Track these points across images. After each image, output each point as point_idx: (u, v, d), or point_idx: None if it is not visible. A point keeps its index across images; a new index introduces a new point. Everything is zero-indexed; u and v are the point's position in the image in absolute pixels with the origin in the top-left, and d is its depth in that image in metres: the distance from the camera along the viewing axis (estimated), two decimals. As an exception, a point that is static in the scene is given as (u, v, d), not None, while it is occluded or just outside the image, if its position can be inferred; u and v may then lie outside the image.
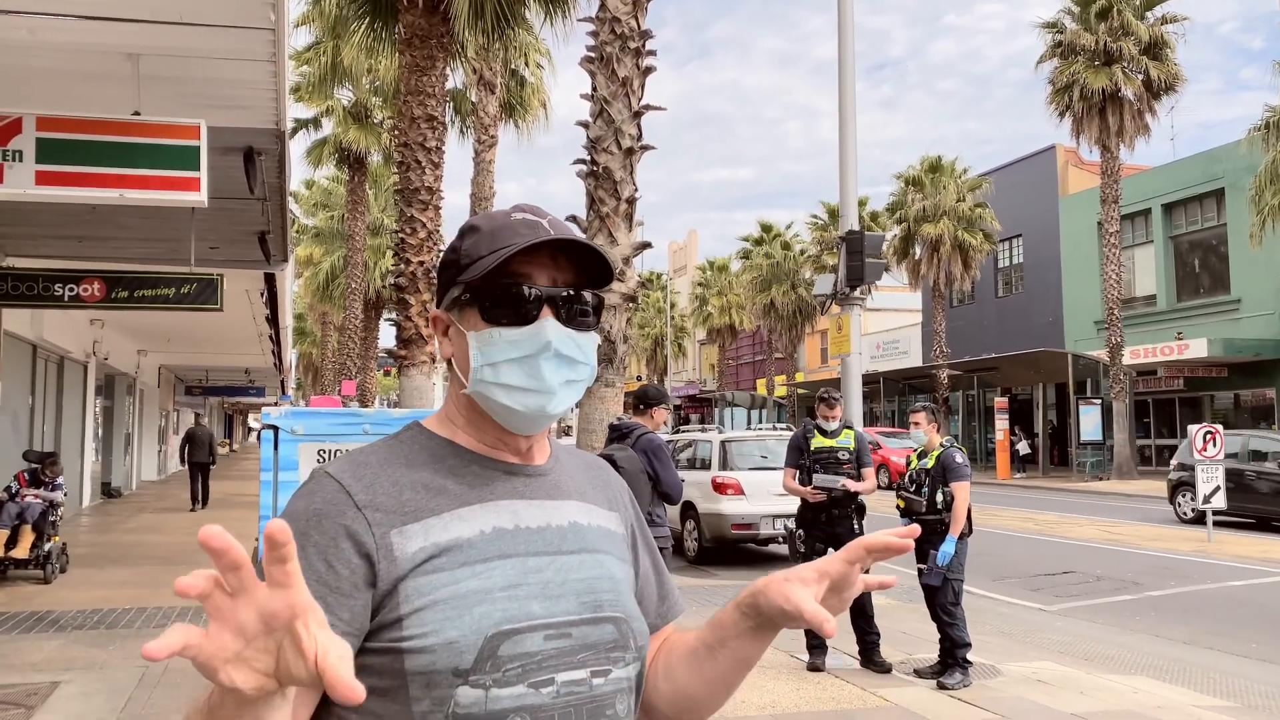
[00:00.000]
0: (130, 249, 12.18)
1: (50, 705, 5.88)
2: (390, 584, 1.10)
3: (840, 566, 1.14)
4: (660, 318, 59.95)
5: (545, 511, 1.23)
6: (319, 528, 1.11)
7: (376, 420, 3.20)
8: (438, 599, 1.10)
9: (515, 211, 1.26)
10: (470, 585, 1.12)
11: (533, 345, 1.20)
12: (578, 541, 1.24)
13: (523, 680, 1.12)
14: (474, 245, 1.23)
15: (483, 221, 1.26)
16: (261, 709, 0.90)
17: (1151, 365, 29.78)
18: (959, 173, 35.58)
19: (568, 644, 1.16)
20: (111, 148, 7.16)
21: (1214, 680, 6.96)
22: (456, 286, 1.24)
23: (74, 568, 11.24)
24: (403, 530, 1.13)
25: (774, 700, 6.12)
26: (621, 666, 1.20)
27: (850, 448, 7.19)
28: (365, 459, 1.22)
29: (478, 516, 1.18)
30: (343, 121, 28.23)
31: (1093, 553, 13.74)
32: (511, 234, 1.21)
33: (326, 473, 1.19)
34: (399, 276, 12.09)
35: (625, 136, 9.46)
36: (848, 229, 11.28)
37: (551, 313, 1.21)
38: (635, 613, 1.25)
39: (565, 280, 1.23)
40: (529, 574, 1.16)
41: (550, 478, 1.28)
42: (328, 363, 37.57)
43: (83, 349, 18.25)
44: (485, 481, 1.22)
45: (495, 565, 1.15)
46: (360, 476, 1.17)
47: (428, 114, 12.09)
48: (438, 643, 1.09)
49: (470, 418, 1.26)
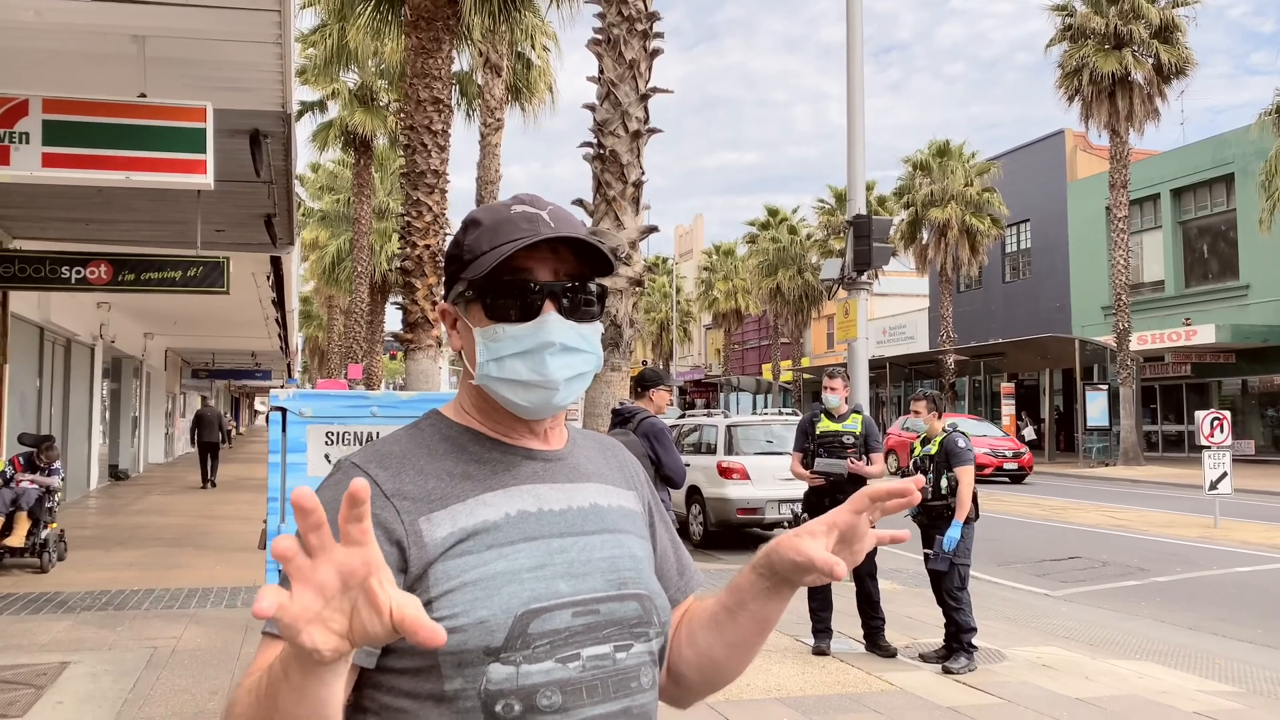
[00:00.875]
0: (137, 232, 12.20)
1: (59, 685, 5.91)
2: (420, 569, 1.14)
3: (847, 517, 1.18)
4: (666, 302, 59.90)
5: (566, 494, 1.26)
6: None
7: (384, 403, 3.20)
8: (467, 581, 1.13)
9: (515, 204, 1.27)
10: (498, 567, 1.15)
11: (536, 340, 1.21)
12: (599, 522, 1.26)
13: (551, 656, 1.15)
14: (476, 241, 1.25)
15: (484, 215, 1.27)
16: (328, 676, 0.92)
17: (1159, 351, 29.71)
18: (967, 157, 35.42)
19: (594, 620, 1.19)
20: (118, 130, 7.15)
21: (1219, 665, 6.96)
22: (460, 282, 1.26)
23: (82, 549, 11.30)
24: (430, 518, 1.16)
25: (779, 683, 6.14)
26: (644, 641, 1.23)
27: (856, 432, 7.18)
28: (389, 449, 1.24)
29: (502, 501, 1.21)
30: (349, 104, 28.17)
31: (1098, 538, 13.73)
32: (512, 229, 1.22)
33: (353, 463, 1.21)
34: (405, 260, 12.08)
35: (632, 119, 9.43)
36: (855, 213, 11.24)
37: (554, 306, 1.23)
38: (657, 589, 1.29)
39: (567, 271, 1.25)
40: (554, 554, 1.19)
41: (569, 461, 1.31)
42: (334, 346, 37.61)
43: (90, 332, 18.30)
44: (507, 467, 1.25)
45: (521, 547, 1.18)
46: (386, 466, 1.20)
47: (434, 97, 12.05)
48: (469, 622, 1.11)
49: (482, 406, 1.28)
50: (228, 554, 10.96)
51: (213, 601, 8.47)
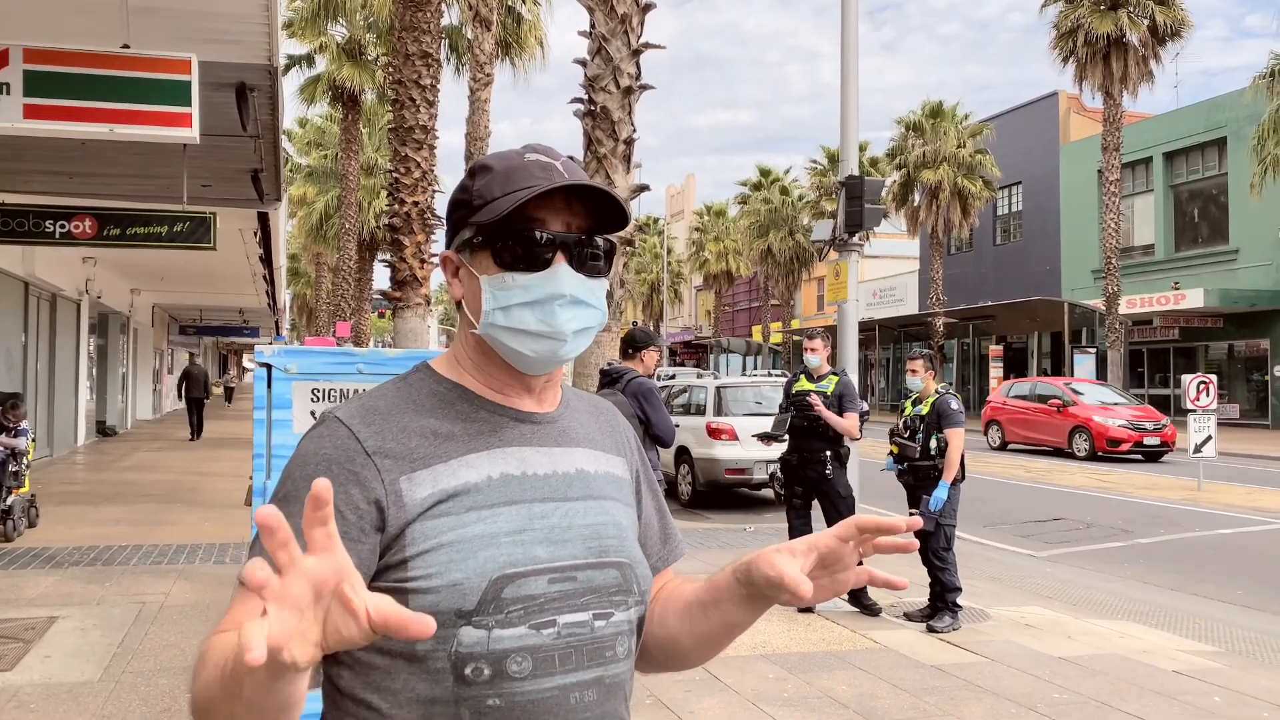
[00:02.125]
0: (122, 186, 12.06)
1: (47, 640, 5.93)
2: (398, 528, 1.12)
3: (830, 542, 1.13)
4: (657, 263, 59.74)
5: (553, 459, 1.24)
6: (329, 473, 1.12)
7: (370, 360, 3.18)
8: (443, 542, 1.12)
9: (528, 152, 1.24)
10: (476, 530, 1.13)
11: (546, 290, 1.19)
12: (584, 489, 1.24)
13: (525, 622, 1.13)
14: (486, 186, 1.22)
15: (495, 161, 1.24)
16: (296, 677, 0.90)
17: (1148, 315, 29.81)
18: (960, 118, 35.23)
19: (572, 587, 1.17)
20: (101, 81, 7.04)
21: (1199, 626, 7.05)
22: (468, 228, 1.23)
23: (70, 505, 11.29)
24: (411, 477, 1.15)
25: (765, 640, 6.20)
26: (623, 610, 1.22)
27: (828, 392, 7.18)
28: (375, 404, 1.21)
29: (485, 463, 1.19)
30: (336, 58, 27.79)
31: (1083, 500, 13.85)
32: (526, 176, 1.20)
33: (337, 417, 1.19)
34: (393, 217, 11.98)
35: (624, 75, 9.32)
36: (847, 174, 11.16)
37: (565, 258, 1.20)
38: (639, 558, 1.27)
39: (579, 225, 1.22)
40: (535, 519, 1.18)
41: (559, 424, 1.28)
42: (322, 304, 37.40)
43: (75, 287, 18.17)
44: (494, 428, 1.22)
45: (501, 511, 1.16)
46: (370, 423, 1.18)
47: (422, 51, 11.87)
48: (442, 584, 1.10)
49: (479, 360, 1.26)
50: (216, 510, 10.96)
51: (201, 557, 8.49)
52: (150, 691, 5.05)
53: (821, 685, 5.35)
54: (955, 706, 5.05)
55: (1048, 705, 5.09)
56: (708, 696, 5.10)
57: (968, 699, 5.17)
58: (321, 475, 1.11)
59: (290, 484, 1.14)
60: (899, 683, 5.42)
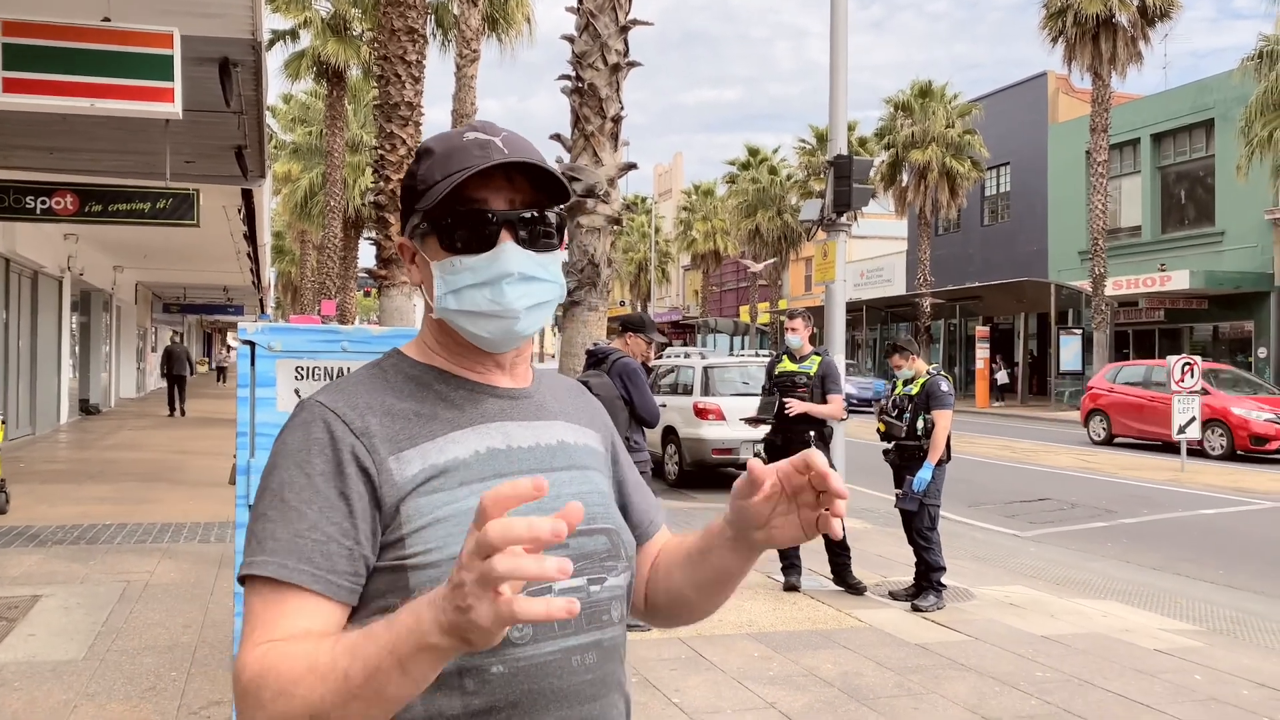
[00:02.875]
0: (104, 161, 11.91)
1: (31, 618, 5.90)
2: (393, 505, 1.13)
3: (787, 468, 1.15)
4: (645, 242, 59.59)
5: (534, 431, 1.26)
6: (322, 455, 1.13)
7: (355, 337, 3.15)
8: (440, 517, 1.13)
9: (468, 130, 1.24)
10: (470, 503, 1.14)
11: (493, 271, 1.19)
12: (566, 459, 1.27)
13: (523, 589, 1.12)
14: (428, 170, 1.22)
15: (436, 144, 1.24)
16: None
17: (1133, 296, 29.91)
18: (949, 98, 35.17)
19: (565, 554, 1.16)
20: (81, 55, 6.95)
21: (1180, 605, 7.11)
22: (415, 214, 1.23)
23: (53, 483, 11.22)
24: (399, 456, 1.16)
25: (751, 619, 6.22)
26: (615, 575, 1.24)
27: (811, 373, 7.16)
28: (354, 387, 1.22)
29: (470, 439, 1.20)
30: (321, 34, 27.52)
31: (1068, 480, 13.94)
32: (464, 157, 1.19)
33: (318, 402, 1.19)
34: (379, 194, 11.90)
35: (612, 52, 9.24)
36: (835, 153, 11.12)
37: (510, 236, 1.20)
38: (623, 524, 1.30)
39: (523, 200, 1.21)
40: None
41: (535, 399, 1.30)
42: (307, 282, 37.18)
43: (57, 264, 18.00)
44: (474, 405, 1.24)
45: (492, 483, 1.16)
46: (353, 405, 1.18)
47: (408, 26, 11.77)
48: (442, 558, 1.11)
49: (445, 342, 1.27)
50: (200, 489, 10.92)
51: (186, 536, 8.46)
52: (135, 670, 5.03)
53: (807, 663, 5.38)
54: (939, 684, 5.08)
55: (1030, 683, 5.13)
56: (694, 675, 5.12)
57: (951, 677, 5.21)
58: (315, 458, 1.13)
59: (282, 471, 1.13)
60: (883, 661, 5.45)
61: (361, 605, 1.11)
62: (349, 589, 1.09)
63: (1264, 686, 5.17)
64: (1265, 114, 23.06)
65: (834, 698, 4.85)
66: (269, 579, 1.07)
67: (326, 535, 1.09)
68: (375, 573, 1.12)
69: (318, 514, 1.10)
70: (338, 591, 1.08)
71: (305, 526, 1.09)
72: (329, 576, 1.08)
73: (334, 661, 0.96)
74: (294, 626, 1.05)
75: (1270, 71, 23.05)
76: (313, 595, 1.07)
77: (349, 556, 1.09)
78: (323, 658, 0.97)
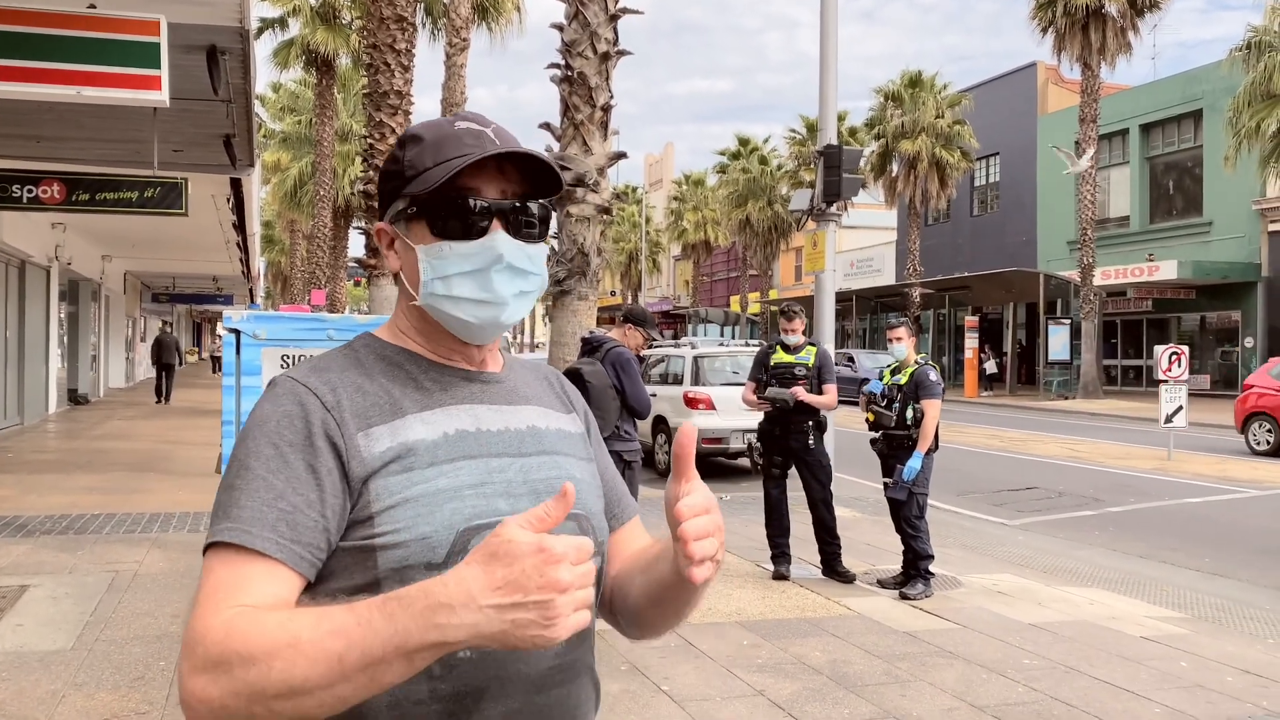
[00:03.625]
0: (91, 150, 11.84)
1: (19, 608, 5.88)
2: (360, 483, 1.13)
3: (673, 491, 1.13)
4: (635, 232, 59.49)
5: (504, 415, 1.26)
6: (292, 427, 1.13)
7: (341, 326, 3.15)
8: (409, 497, 1.12)
9: (458, 120, 1.25)
10: (440, 484, 1.15)
11: (484, 259, 1.20)
12: (536, 444, 1.26)
13: None
14: (418, 156, 1.22)
15: (425, 131, 1.25)
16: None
17: (1122, 286, 30.02)
18: (939, 89, 35.17)
19: None
20: (67, 42, 6.90)
21: (1167, 593, 7.16)
22: (401, 199, 1.23)
23: (41, 473, 11.18)
24: (368, 433, 1.15)
25: (740, 608, 6.24)
26: None
27: (809, 364, 7.20)
28: (326, 365, 1.23)
29: (440, 420, 1.20)
30: (310, 22, 27.38)
31: (1055, 469, 14.00)
32: (457, 145, 1.20)
33: (290, 377, 1.19)
34: (368, 184, 11.87)
35: (601, 41, 9.22)
36: (826, 143, 11.13)
37: (501, 225, 1.21)
38: (596, 510, 1.30)
39: (513, 191, 1.23)
40: (493, 473, 1.19)
41: (506, 384, 1.31)
42: (297, 272, 37.08)
43: (45, 253, 17.89)
44: (444, 387, 1.24)
45: (461, 465, 1.17)
46: (325, 380, 1.19)
47: (397, 14, 11.73)
48: (410, 538, 1.11)
49: (421, 328, 1.27)
50: (189, 479, 10.89)
51: (174, 526, 8.44)
52: (123, 660, 5.03)
53: (795, 651, 5.40)
54: (927, 672, 5.11)
55: (1018, 670, 5.16)
56: (683, 663, 5.14)
57: (939, 664, 5.24)
58: (284, 430, 1.12)
59: (251, 443, 1.13)
60: (872, 649, 5.48)
61: (317, 583, 1.10)
62: (310, 562, 1.08)
63: (1248, 673, 5.21)
64: (1253, 104, 23.13)
65: (822, 685, 4.87)
66: (233, 545, 1.06)
67: (293, 505, 1.09)
68: (338, 552, 1.11)
69: (284, 484, 1.09)
70: (299, 563, 1.07)
71: (272, 496, 1.09)
72: (293, 546, 1.07)
73: (322, 643, 0.95)
74: (260, 594, 1.04)
75: (1258, 62, 23.12)
76: (277, 564, 1.06)
77: (313, 529, 1.09)
78: (305, 635, 0.96)
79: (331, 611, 0.98)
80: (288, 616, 1.00)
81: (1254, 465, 14.52)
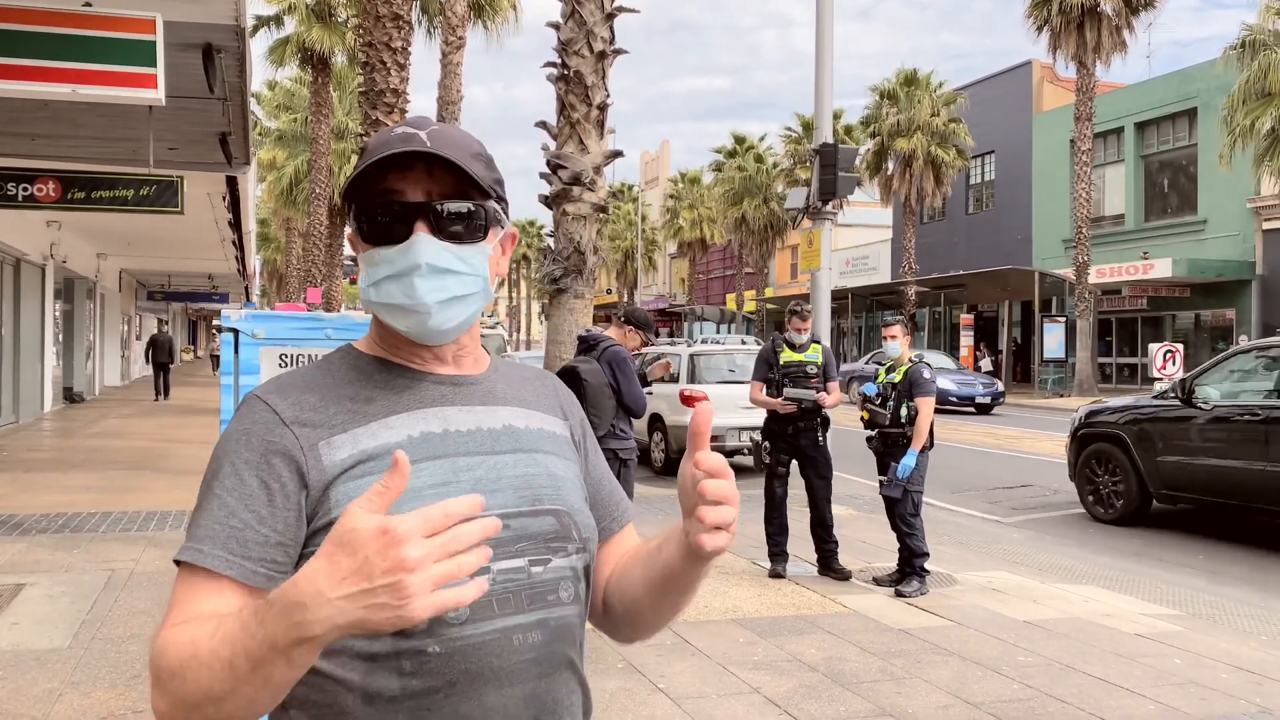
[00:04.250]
0: (87, 148, 11.82)
1: (15, 607, 5.88)
2: (320, 490, 1.14)
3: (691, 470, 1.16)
4: (631, 230, 59.50)
5: (477, 416, 1.25)
6: (249, 445, 1.15)
7: (339, 324, 3.15)
8: None
9: (402, 126, 1.24)
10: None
11: (405, 262, 1.19)
12: (512, 442, 1.26)
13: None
14: (360, 161, 1.23)
15: (372, 140, 1.26)
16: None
17: (1116, 284, 30.08)
18: (934, 87, 35.21)
19: (505, 535, 1.17)
20: (62, 40, 6.89)
21: (1161, 590, 7.18)
22: (348, 204, 1.25)
23: (37, 472, 11.16)
24: (330, 441, 1.17)
25: (736, 605, 6.26)
26: (563, 556, 1.23)
27: (818, 362, 7.24)
28: (291, 380, 1.25)
29: (405, 424, 1.20)
30: (305, 20, 27.33)
31: (1050, 467, 14.02)
32: (385, 147, 1.19)
33: (256, 395, 1.22)
34: (364, 182, 11.84)
35: (597, 39, 9.22)
36: (821, 141, 11.15)
37: (425, 227, 1.19)
38: (578, 506, 1.28)
39: (441, 192, 1.20)
40: (460, 472, 1.19)
41: (483, 386, 1.30)
42: (293, 270, 37.00)
43: (40, 251, 17.86)
44: (413, 392, 1.24)
45: (424, 466, 1.17)
46: (286, 395, 1.20)
47: (393, 13, 11.71)
48: None
49: (383, 334, 1.28)
50: (185, 477, 10.88)
51: (171, 524, 8.43)
52: (120, 658, 5.03)
53: (791, 649, 5.42)
54: (922, 669, 5.13)
55: (1012, 668, 5.18)
56: (679, 661, 5.15)
57: (934, 662, 5.26)
58: (242, 448, 1.15)
59: (215, 463, 1.17)
60: (867, 646, 5.50)
61: None
62: (265, 575, 1.10)
63: (1242, 670, 5.24)
64: (1248, 103, 23.18)
65: (818, 682, 4.89)
66: (188, 564, 1.10)
67: (243, 522, 1.11)
68: (304, 559, 1.12)
69: (236, 501, 1.12)
70: (252, 577, 1.09)
71: (225, 514, 1.11)
72: (243, 563, 1.09)
73: (215, 651, 0.98)
74: (209, 608, 1.06)
75: (1253, 61, 23.17)
76: (227, 581, 1.09)
77: (264, 543, 1.10)
78: (202, 645, 1.00)
79: (226, 619, 1.00)
80: (196, 628, 1.03)
81: (1248, 463, 14.56)
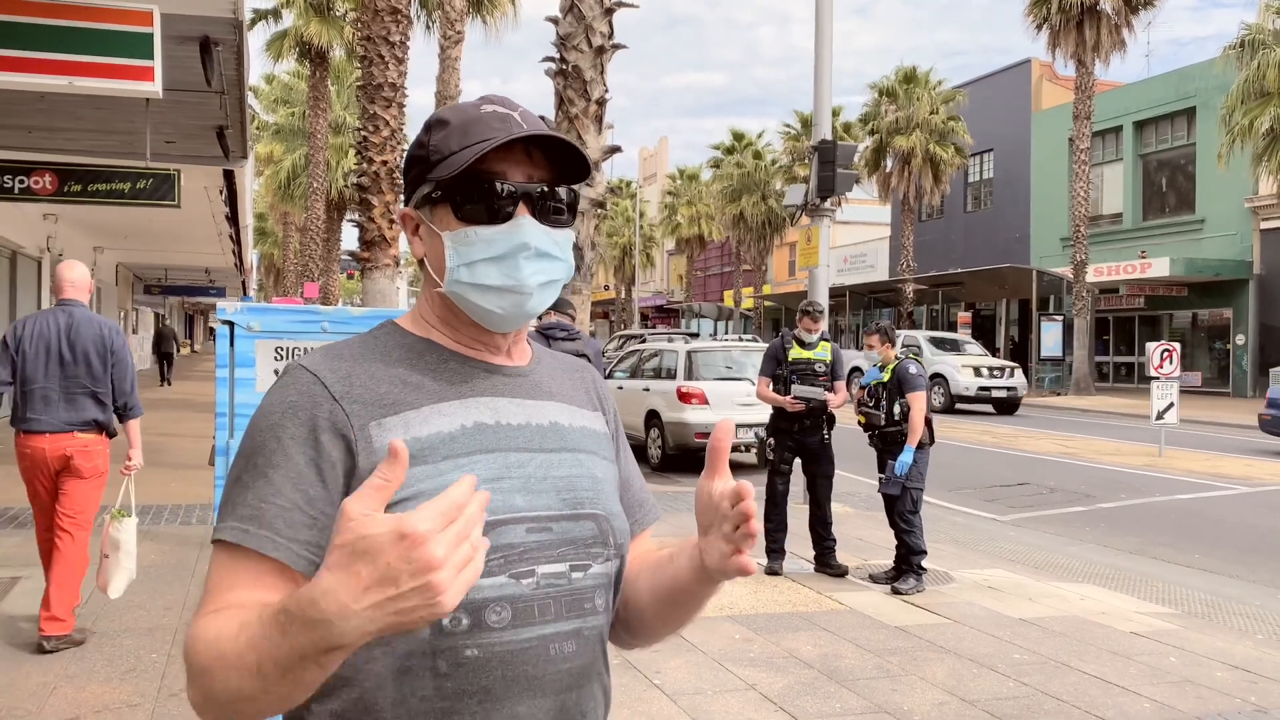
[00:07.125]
0: (83, 141, 11.78)
1: (10, 600, 5.87)
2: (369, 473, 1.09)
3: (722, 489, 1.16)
4: (629, 226, 59.45)
5: (526, 410, 1.23)
6: (295, 419, 1.10)
7: (335, 318, 3.14)
8: (422, 490, 1.07)
9: (484, 104, 1.22)
10: (453, 478, 1.09)
11: (509, 244, 1.17)
12: (558, 441, 1.23)
13: (505, 571, 1.12)
14: (444, 140, 1.19)
15: (451, 115, 1.21)
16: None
17: (1114, 283, 30.09)
18: (933, 85, 35.18)
19: (548, 538, 1.16)
20: (59, 32, 6.86)
21: (1157, 589, 7.19)
22: (427, 184, 1.20)
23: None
24: (381, 423, 1.12)
25: (732, 602, 6.25)
26: (601, 563, 1.21)
27: (827, 360, 7.23)
28: (340, 351, 1.20)
29: (458, 412, 1.17)
30: (304, 13, 27.29)
31: (1047, 465, 14.03)
32: (484, 129, 1.17)
33: (301, 365, 1.17)
34: (361, 176, 11.82)
35: (596, 34, 9.21)
36: (820, 139, 11.13)
37: (528, 210, 1.18)
38: (616, 511, 1.26)
39: (540, 176, 1.20)
40: (511, 468, 1.16)
41: (531, 378, 1.27)
42: (290, 264, 36.97)
43: (36, 244, 17.82)
44: (464, 378, 1.21)
45: (478, 459, 1.14)
46: (335, 369, 1.15)
47: (392, 6, 11.67)
48: None
49: (445, 317, 1.24)
50: (181, 471, 10.86)
51: (167, 518, 8.42)
52: (115, 651, 5.02)
53: (787, 645, 5.41)
54: (918, 666, 5.13)
55: (1008, 665, 5.18)
56: (675, 657, 5.15)
57: (930, 659, 5.25)
58: (289, 422, 1.10)
59: (257, 435, 1.12)
60: (863, 643, 5.50)
61: None
62: (309, 560, 1.05)
63: (1237, 668, 5.24)
64: (1246, 102, 23.18)
65: (814, 679, 4.89)
66: (231, 544, 1.06)
67: (291, 502, 1.06)
68: None
69: (284, 479, 1.07)
70: (297, 561, 1.05)
71: (270, 492, 1.07)
72: (290, 545, 1.05)
73: (241, 655, 0.95)
74: (247, 596, 1.03)
75: (1251, 60, 23.16)
76: (272, 563, 1.05)
77: (312, 526, 1.06)
78: (228, 647, 0.96)
79: (250, 623, 0.96)
80: (223, 625, 0.99)
81: (1245, 462, 14.58)
